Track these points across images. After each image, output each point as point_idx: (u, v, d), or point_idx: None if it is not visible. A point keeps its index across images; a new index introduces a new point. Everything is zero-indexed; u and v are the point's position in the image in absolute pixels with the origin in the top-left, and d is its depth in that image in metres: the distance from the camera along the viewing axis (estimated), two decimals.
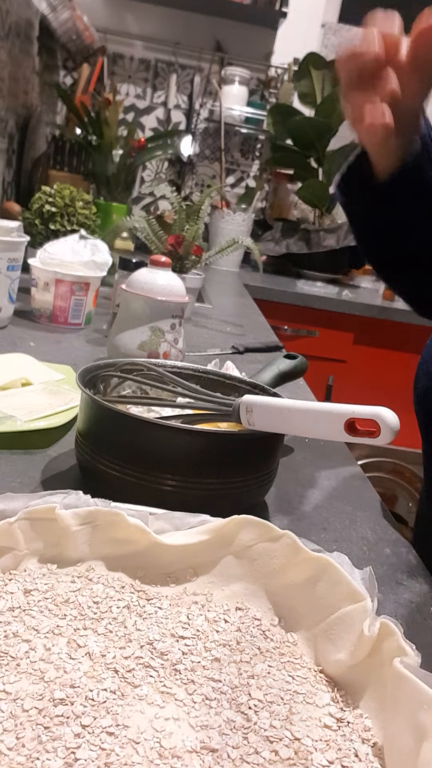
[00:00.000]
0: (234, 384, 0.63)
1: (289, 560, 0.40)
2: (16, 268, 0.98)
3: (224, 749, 0.30)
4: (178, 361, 0.79)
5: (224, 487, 0.50)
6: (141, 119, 2.64)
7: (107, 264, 1.12)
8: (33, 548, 0.41)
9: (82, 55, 2.36)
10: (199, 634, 0.37)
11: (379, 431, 0.41)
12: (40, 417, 0.64)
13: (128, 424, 0.49)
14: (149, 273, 0.80)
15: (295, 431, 0.48)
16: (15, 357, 0.82)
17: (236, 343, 1.13)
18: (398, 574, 0.51)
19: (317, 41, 2.65)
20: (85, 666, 0.33)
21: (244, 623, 0.39)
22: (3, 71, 1.73)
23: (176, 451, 0.49)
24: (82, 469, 0.55)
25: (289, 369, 0.74)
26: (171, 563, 0.42)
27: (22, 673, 0.32)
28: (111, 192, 1.87)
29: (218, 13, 2.45)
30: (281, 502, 0.59)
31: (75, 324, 1.08)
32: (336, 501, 0.62)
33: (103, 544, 0.41)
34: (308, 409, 0.46)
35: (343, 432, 0.43)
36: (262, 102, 2.62)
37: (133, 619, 0.37)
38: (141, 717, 0.31)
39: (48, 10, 2.03)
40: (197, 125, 2.64)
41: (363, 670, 0.35)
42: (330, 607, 0.38)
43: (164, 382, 0.57)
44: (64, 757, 0.28)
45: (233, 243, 1.28)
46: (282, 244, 2.40)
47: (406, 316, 2.07)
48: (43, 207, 1.26)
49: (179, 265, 1.25)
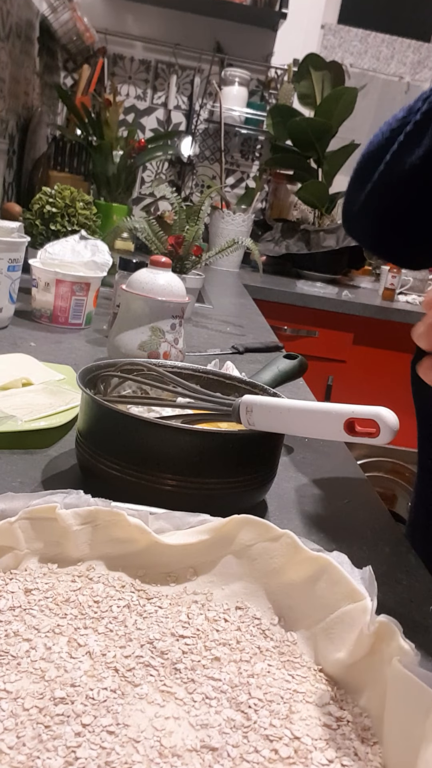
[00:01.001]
0: (234, 384, 0.63)
1: (288, 560, 0.40)
2: (16, 269, 0.98)
3: (224, 748, 0.30)
4: (178, 361, 0.80)
5: (224, 487, 0.50)
6: (141, 120, 2.65)
7: (107, 264, 1.13)
8: (33, 548, 0.41)
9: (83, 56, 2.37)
10: (199, 633, 0.37)
11: (379, 431, 0.42)
12: (40, 417, 0.64)
13: (129, 424, 0.49)
14: (149, 273, 0.81)
15: (295, 431, 0.48)
16: (16, 357, 0.82)
17: (236, 343, 1.13)
18: (398, 573, 0.51)
19: (317, 42, 2.65)
20: (85, 665, 0.33)
21: (244, 622, 0.39)
22: (3, 72, 1.74)
23: (176, 451, 0.49)
24: (82, 469, 0.55)
25: (289, 369, 0.74)
26: (171, 563, 0.42)
27: (23, 672, 0.32)
28: (111, 193, 1.87)
29: (218, 14, 2.45)
30: (281, 502, 0.59)
31: (75, 324, 1.08)
32: (336, 501, 0.62)
33: (103, 543, 0.41)
34: (308, 409, 0.46)
35: (343, 432, 0.43)
36: (262, 103, 2.62)
37: (134, 619, 0.37)
38: (141, 716, 0.31)
39: (48, 11, 2.04)
40: (197, 126, 2.65)
41: (363, 669, 0.35)
42: (330, 606, 0.38)
43: (164, 382, 0.58)
44: (64, 756, 0.28)
45: (233, 243, 1.28)
46: (282, 244, 2.40)
47: (406, 316, 2.07)
48: (44, 208, 1.26)
49: (179, 265, 1.26)
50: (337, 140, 2.42)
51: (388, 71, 2.70)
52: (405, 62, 2.69)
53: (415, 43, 2.66)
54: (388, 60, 2.69)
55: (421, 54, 2.68)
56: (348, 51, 2.68)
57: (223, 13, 2.43)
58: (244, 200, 2.56)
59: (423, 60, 2.69)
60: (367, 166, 0.70)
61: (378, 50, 2.67)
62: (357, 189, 0.72)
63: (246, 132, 2.64)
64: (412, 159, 0.64)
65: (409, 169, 0.65)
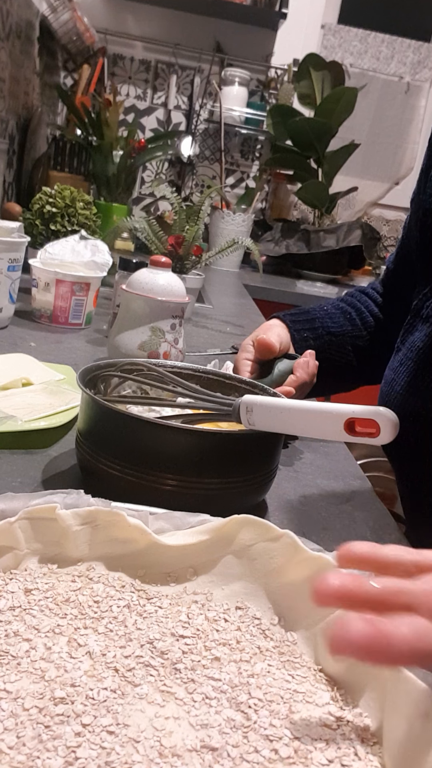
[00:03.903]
0: (234, 384, 0.63)
1: (288, 560, 0.40)
2: (16, 269, 0.98)
3: (224, 748, 0.30)
4: (178, 361, 0.80)
5: (224, 487, 0.50)
6: (141, 120, 2.65)
7: (107, 264, 1.13)
8: (33, 548, 0.41)
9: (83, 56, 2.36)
10: (199, 633, 0.37)
11: (379, 431, 0.42)
12: (40, 417, 0.64)
13: (129, 423, 0.49)
14: (149, 273, 0.81)
15: (295, 431, 0.48)
16: (16, 357, 0.82)
17: (236, 343, 1.13)
18: None
19: (317, 42, 2.65)
20: (85, 665, 0.33)
21: (244, 622, 0.39)
22: (3, 72, 1.74)
23: (176, 451, 0.49)
24: (82, 469, 0.55)
25: (288, 369, 0.74)
26: (171, 563, 0.42)
27: (23, 672, 0.32)
28: (111, 193, 1.87)
29: (218, 14, 2.45)
30: (281, 502, 0.59)
31: (75, 324, 1.08)
32: (336, 501, 0.62)
33: (103, 543, 0.41)
34: (308, 409, 0.46)
35: (343, 432, 0.43)
36: (261, 103, 2.62)
37: (134, 618, 0.37)
38: (141, 716, 0.31)
39: (48, 11, 2.04)
40: (197, 126, 2.65)
41: (362, 669, 0.35)
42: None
43: (164, 382, 0.57)
44: (64, 756, 0.28)
45: (233, 243, 1.28)
46: (282, 244, 2.40)
47: None
48: (44, 207, 1.26)
49: (179, 265, 1.26)
50: (337, 140, 2.42)
51: (388, 71, 2.70)
52: (405, 62, 2.69)
53: (415, 43, 2.65)
54: (388, 60, 2.69)
55: (421, 54, 2.68)
56: (348, 51, 2.68)
57: (223, 13, 2.43)
58: (244, 200, 2.56)
59: (423, 60, 2.68)
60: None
61: (378, 50, 2.67)
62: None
63: (246, 132, 2.64)
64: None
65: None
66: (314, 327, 0.87)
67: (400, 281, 0.90)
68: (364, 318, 0.90)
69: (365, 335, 0.90)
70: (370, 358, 0.90)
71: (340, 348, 0.88)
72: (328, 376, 0.82)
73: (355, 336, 0.89)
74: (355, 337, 0.89)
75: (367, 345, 0.90)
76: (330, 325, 0.88)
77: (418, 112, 2.74)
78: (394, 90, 2.72)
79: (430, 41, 2.69)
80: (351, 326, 0.90)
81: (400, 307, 0.85)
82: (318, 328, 0.87)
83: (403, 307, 0.83)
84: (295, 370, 0.72)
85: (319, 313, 0.89)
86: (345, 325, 0.89)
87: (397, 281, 0.91)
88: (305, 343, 0.84)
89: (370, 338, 0.90)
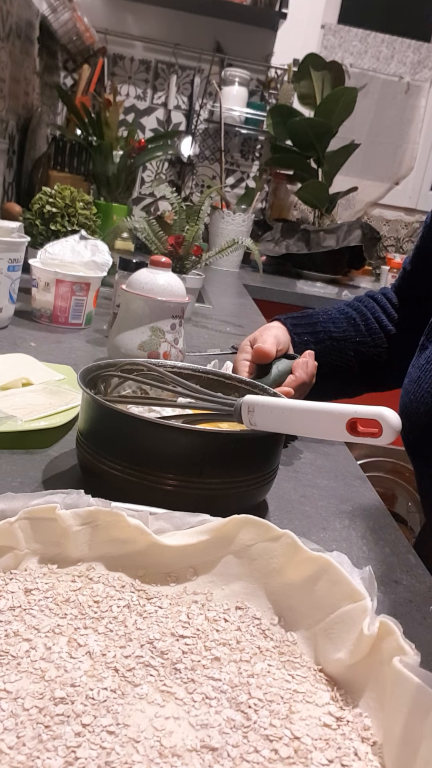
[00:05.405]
0: (234, 384, 0.63)
1: (288, 560, 0.40)
2: (16, 269, 0.98)
3: (224, 748, 0.30)
4: (178, 361, 0.80)
5: (224, 487, 0.50)
6: (141, 120, 2.65)
7: (107, 264, 1.12)
8: (33, 548, 0.41)
9: (83, 56, 2.37)
10: (199, 633, 0.37)
11: (381, 431, 0.41)
12: (40, 417, 0.64)
13: (129, 423, 0.49)
14: (149, 273, 0.81)
15: (297, 431, 0.48)
16: (16, 357, 0.82)
17: (236, 343, 1.13)
18: (397, 573, 0.51)
19: (317, 42, 2.65)
20: (85, 665, 0.33)
21: (244, 622, 0.39)
22: (3, 72, 1.74)
23: (177, 451, 0.49)
24: (82, 469, 0.55)
25: (288, 369, 0.74)
26: (171, 563, 0.42)
27: (23, 672, 0.32)
28: (111, 193, 1.87)
29: (218, 14, 2.45)
30: (281, 502, 0.59)
31: (75, 324, 1.08)
32: (336, 501, 0.62)
33: (103, 543, 0.41)
34: (310, 409, 0.46)
35: (345, 432, 0.43)
36: (261, 103, 2.62)
37: (134, 618, 0.37)
38: (141, 716, 0.31)
39: (48, 11, 2.04)
40: (197, 126, 2.65)
41: (362, 669, 0.35)
42: (330, 606, 0.38)
43: (165, 382, 0.57)
44: (64, 756, 0.28)
45: (233, 243, 1.28)
46: (282, 244, 2.40)
47: None
48: (44, 207, 1.26)
49: (179, 265, 1.26)
50: (337, 140, 2.42)
51: (388, 71, 2.70)
52: (405, 62, 2.69)
53: (415, 43, 2.65)
54: (388, 60, 2.69)
55: (421, 54, 2.68)
56: (348, 51, 2.68)
57: (223, 13, 2.43)
58: (244, 200, 2.56)
59: (423, 60, 2.68)
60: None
61: (378, 50, 2.67)
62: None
63: (246, 132, 2.64)
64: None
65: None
66: (316, 331, 0.86)
67: (417, 281, 0.89)
68: (369, 324, 0.90)
69: (369, 341, 0.89)
70: (373, 365, 0.89)
71: (341, 353, 0.88)
72: (329, 380, 0.82)
73: (359, 342, 0.89)
74: (358, 342, 0.89)
75: (371, 351, 0.89)
76: (332, 329, 0.88)
77: (418, 112, 2.74)
78: (394, 90, 2.72)
79: (430, 41, 2.69)
80: (354, 332, 0.89)
81: (416, 311, 0.84)
82: (320, 332, 0.87)
83: (419, 311, 0.82)
84: (294, 371, 0.72)
85: (322, 317, 0.88)
86: (348, 330, 0.89)
87: (415, 281, 0.90)
88: (306, 347, 0.84)
89: (374, 345, 0.89)
